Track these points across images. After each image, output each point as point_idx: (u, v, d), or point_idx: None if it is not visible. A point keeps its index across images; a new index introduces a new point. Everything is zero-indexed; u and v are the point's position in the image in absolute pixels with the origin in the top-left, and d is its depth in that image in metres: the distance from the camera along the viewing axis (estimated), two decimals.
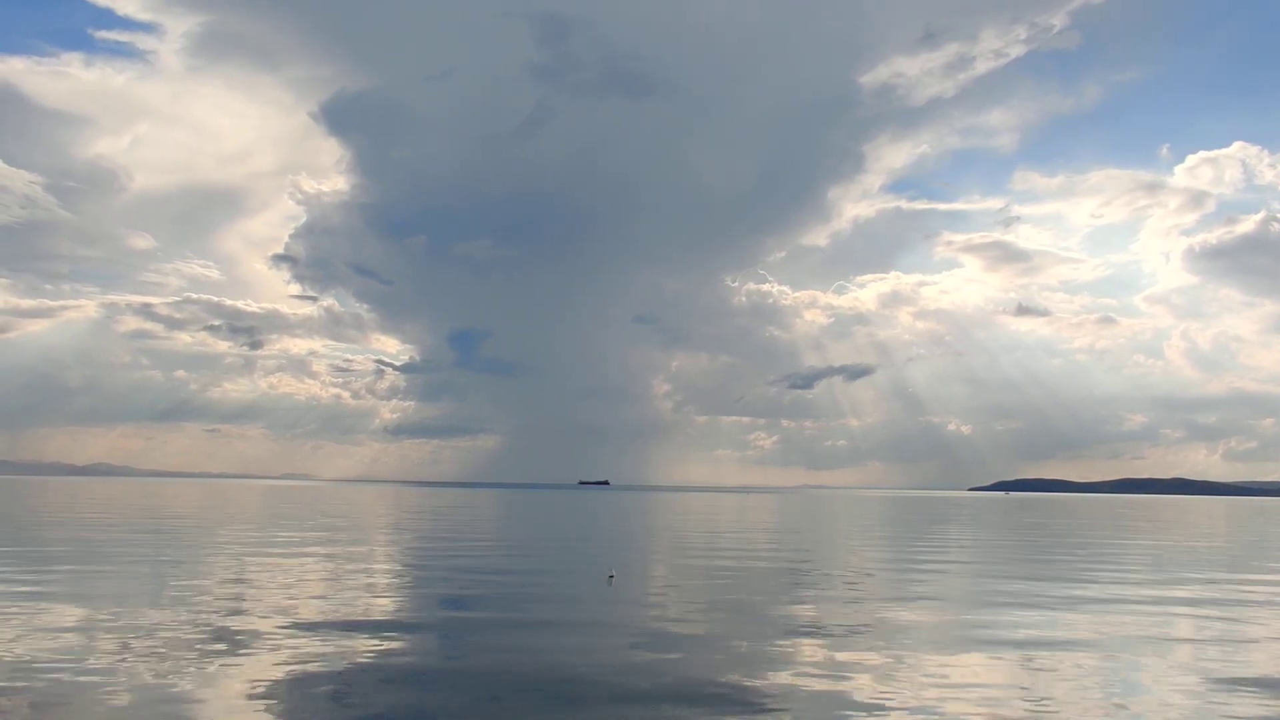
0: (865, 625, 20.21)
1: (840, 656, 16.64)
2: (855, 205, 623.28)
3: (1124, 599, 25.90)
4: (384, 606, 22.43)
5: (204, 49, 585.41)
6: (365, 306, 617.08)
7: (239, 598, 23.01)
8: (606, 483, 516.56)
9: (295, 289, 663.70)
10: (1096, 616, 22.22)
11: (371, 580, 27.70)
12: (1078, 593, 27.04)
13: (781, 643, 18.15)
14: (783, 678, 14.93)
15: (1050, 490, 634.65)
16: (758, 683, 14.53)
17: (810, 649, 17.46)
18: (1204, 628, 21.02)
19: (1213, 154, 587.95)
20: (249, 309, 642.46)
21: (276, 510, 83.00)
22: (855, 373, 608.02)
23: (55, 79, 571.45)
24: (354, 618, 20.30)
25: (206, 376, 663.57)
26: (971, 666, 16.06)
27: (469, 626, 19.76)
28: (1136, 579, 31.76)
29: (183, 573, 28.37)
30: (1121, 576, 32.56)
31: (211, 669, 14.89)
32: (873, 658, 16.58)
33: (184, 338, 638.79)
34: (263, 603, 22.21)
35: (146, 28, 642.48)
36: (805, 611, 22.37)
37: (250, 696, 13.23)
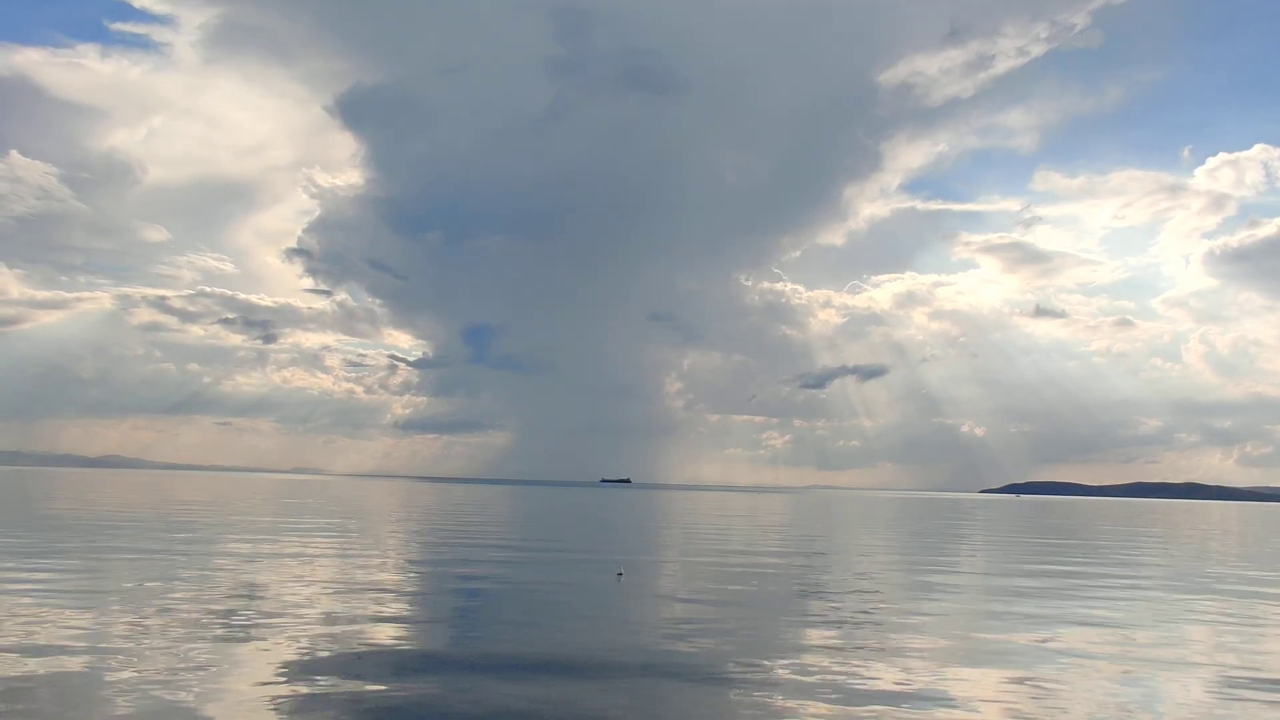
0: (873, 629, 20.13)
1: (846, 662, 16.58)
2: (872, 204, 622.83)
3: (1142, 614, 25.75)
4: (392, 600, 22.41)
5: (219, 42, 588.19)
6: (378, 301, 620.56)
7: (247, 591, 23.07)
8: (628, 480, 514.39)
9: (308, 283, 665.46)
10: (1112, 630, 22.09)
11: (381, 574, 27.70)
12: (1090, 604, 26.91)
13: (787, 645, 18.10)
14: (787, 682, 14.89)
15: (1061, 493, 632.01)
16: (759, 684, 14.50)
17: (816, 656, 17.39)
18: (1243, 656, 20.85)
19: (1234, 156, 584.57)
20: (262, 303, 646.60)
21: (286, 504, 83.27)
22: (869, 373, 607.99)
23: (71, 71, 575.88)
24: (362, 611, 20.29)
25: (219, 370, 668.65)
26: (981, 675, 15.98)
27: (470, 621, 19.75)
28: (1158, 591, 31.57)
29: (192, 564, 28.44)
30: (1139, 587, 32.38)
31: (217, 664, 14.91)
32: (879, 659, 16.52)
33: (197, 331, 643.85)
34: (271, 595, 22.26)
35: (162, 20, 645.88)
36: (813, 614, 22.29)
37: (260, 690, 13.24)
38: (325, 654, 15.68)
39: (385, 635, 17.75)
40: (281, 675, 14.07)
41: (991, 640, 18.86)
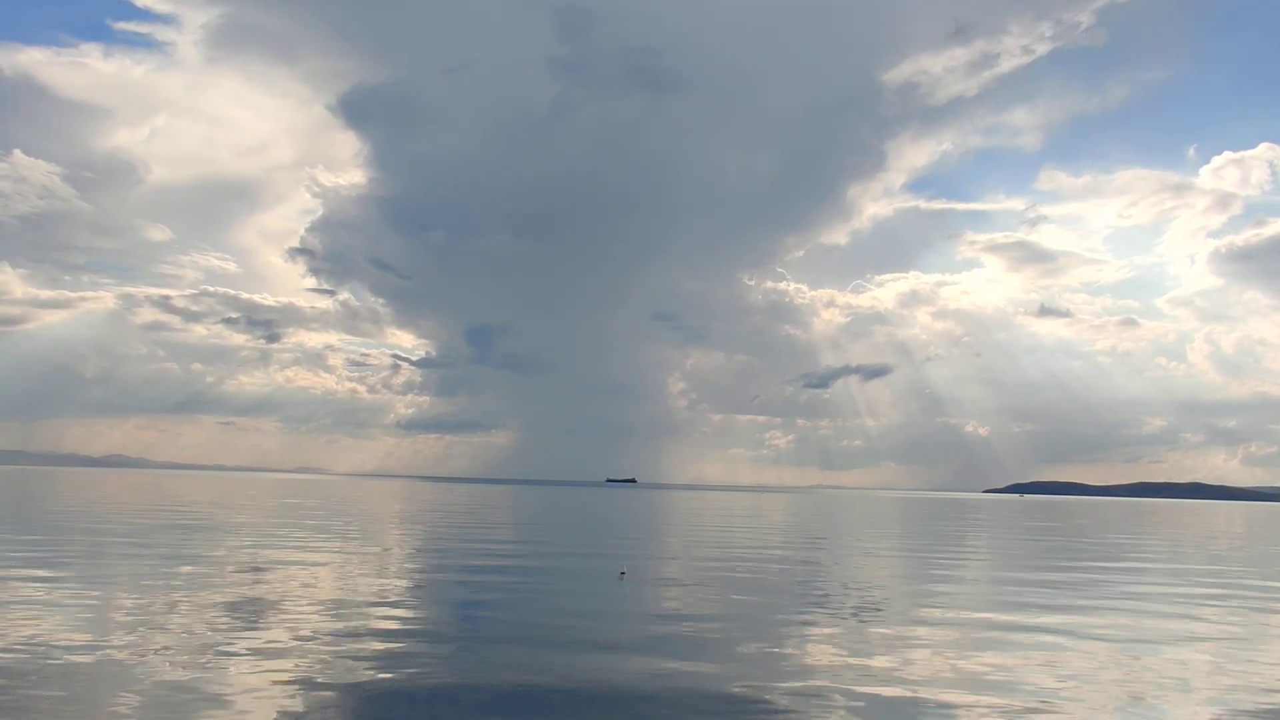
0: (876, 638, 19.95)
1: (847, 659, 16.41)
2: (875, 204, 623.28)
3: (1148, 629, 25.54)
4: (394, 603, 22.26)
5: (222, 41, 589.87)
6: (381, 300, 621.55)
7: (250, 594, 22.94)
8: (633, 480, 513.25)
9: (311, 282, 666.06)
10: (1120, 646, 21.88)
11: (383, 575, 27.55)
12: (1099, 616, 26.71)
13: (788, 646, 17.93)
14: (787, 685, 14.72)
15: (1065, 493, 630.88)
16: (760, 686, 14.32)
17: (817, 659, 17.22)
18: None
19: (1239, 155, 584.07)
20: (265, 302, 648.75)
21: (289, 505, 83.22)
22: (872, 372, 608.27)
23: (74, 70, 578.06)
24: (363, 613, 20.16)
25: (222, 369, 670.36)
26: (985, 686, 15.80)
27: (472, 621, 19.64)
28: (1165, 596, 31.38)
29: (194, 566, 28.32)
30: (1146, 592, 32.21)
31: (218, 667, 14.78)
32: (882, 667, 16.34)
33: (200, 330, 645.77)
34: (273, 594, 22.15)
35: (165, 19, 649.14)
36: (815, 617, 22.12)
37: (262, 694, 13.11)
38: (326, 656, 15.53)
39: (386, 637, 17.58)
40: (282, 676, 13.94)
41: (996, 648, 18.68)
